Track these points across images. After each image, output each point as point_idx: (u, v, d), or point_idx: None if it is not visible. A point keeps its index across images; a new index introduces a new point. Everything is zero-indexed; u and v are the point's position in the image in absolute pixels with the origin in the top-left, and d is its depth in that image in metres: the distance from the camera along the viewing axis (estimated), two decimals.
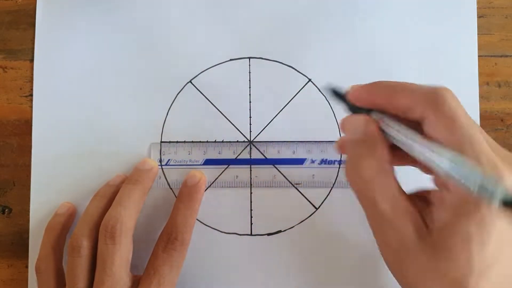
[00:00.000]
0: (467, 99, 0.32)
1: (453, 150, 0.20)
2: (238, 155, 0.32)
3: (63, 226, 0.31)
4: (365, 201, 0.24)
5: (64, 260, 0.31)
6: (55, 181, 0.32)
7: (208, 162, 0.32)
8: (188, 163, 0.32)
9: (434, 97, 0.22)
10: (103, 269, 0.27)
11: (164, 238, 0.29)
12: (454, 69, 0.32)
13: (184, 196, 0.30)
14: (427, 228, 0.22)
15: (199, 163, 0.32)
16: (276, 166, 0.32)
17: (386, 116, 0.23)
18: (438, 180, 0.23)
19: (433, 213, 0.22)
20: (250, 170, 0.32)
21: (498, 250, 0.22)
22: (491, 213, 0.20)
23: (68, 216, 0.31)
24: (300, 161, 0.32)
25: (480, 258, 0.21)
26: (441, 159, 0.20)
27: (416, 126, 0.23)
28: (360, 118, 0.23)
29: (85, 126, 0.33)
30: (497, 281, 0.22)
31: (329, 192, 0.32)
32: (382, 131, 0.23)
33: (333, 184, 0.32)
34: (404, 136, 0.22)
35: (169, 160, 0.32)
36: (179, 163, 0.32)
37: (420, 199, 0.23)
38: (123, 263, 0.28)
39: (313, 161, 0.32)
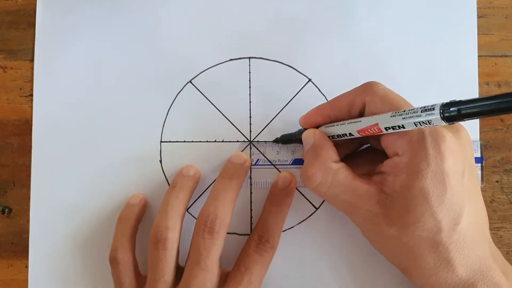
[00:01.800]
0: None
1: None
2: None
3: (136, 216, 0.31)
4: (327, 198, 0.27)
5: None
6: (55, 181, 0.32)
7: (297, 161, 0.32)
8: (277, 163, 0.32)
9: (368, 85, 0.26)
10: (197, 262, 0.27)
11: (255, 238, 0.29)
12: (454, 69, 0.32)
13: (275, 198, 0.30)
14: (390, 197, 0.24)
15: (288, 163, 0.32)
16: (277, 166, 0.32)
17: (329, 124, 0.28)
18: (389, 147, 0.25)
19: (390, 181, 0.24)
20: (250, 170, 0.32)
21: (458, 202, 0.24)
22: (442, 161, 0.23)
23: (142, 207, 0.31)
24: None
25: (444, 212, 0.23)
26: (386, 118, 0.24)
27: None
28: (310, 130, 0.28)
29: (85, 126, 0.33)
30: (468, 233, 0.24)
31: None
32: (330, 138, 0.27)
33: None
34: (348, 122, 0.26)
35: (258, 160, 0.32)
36: (267, 163, 0.32)
37: (377, 174, 0.25)
38: (216, 258, 0.28)
39: None
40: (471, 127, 0.32)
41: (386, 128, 0.24)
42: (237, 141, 0.32)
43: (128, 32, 0.33)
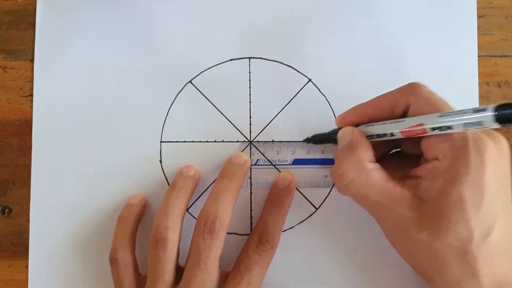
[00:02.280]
0: (467, 99, 0.32)
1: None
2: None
3: (136, 216, 0.31)
4: (357, 198, 0.27)
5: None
6: (55, 181, 0.32)
7: (297, 161, 0.32)
8: (277, 163, 0.32)
9: (411, 86, 0.26)
10: (197, 262, 0.27)
11: (255, 238, 0.29)
12: (454, 69, 0.33)
13: (275, 198, 0.30)
14: (424, 202, 0.24)
15: (288, 163, 0.32)
16: (277, 166, 0.32)
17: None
18: (429, 151, 0.25)
19: (425, 186, 0.24)
20: (250, 170, 0.32)
21: (493, 212, 0.23)
22: (482, 170, 0.23)
23: (142, 207, 0.31)
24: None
25: (478, 222, 0.23)
26: (433, 118, 0.23)
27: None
28: (348, 127, 0.27)
29: (85, 126, 0.33)
30: (498, 244, 0.24)
31: (329, 192, 0.32)
32: (368, 138, 0.27)
33: (333, 184, 0.32)
34: (390, 122, 0.26)
35: (258, 160, 0.32)
36: (267, 163, 0.32)
37: (411, 178, 0.25)
38: (216, 258, 0.28)
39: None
40: None
41: (432, 129, 0.23)
42: (237, 141, 0.32)
43: (128, 32, 0.33)
